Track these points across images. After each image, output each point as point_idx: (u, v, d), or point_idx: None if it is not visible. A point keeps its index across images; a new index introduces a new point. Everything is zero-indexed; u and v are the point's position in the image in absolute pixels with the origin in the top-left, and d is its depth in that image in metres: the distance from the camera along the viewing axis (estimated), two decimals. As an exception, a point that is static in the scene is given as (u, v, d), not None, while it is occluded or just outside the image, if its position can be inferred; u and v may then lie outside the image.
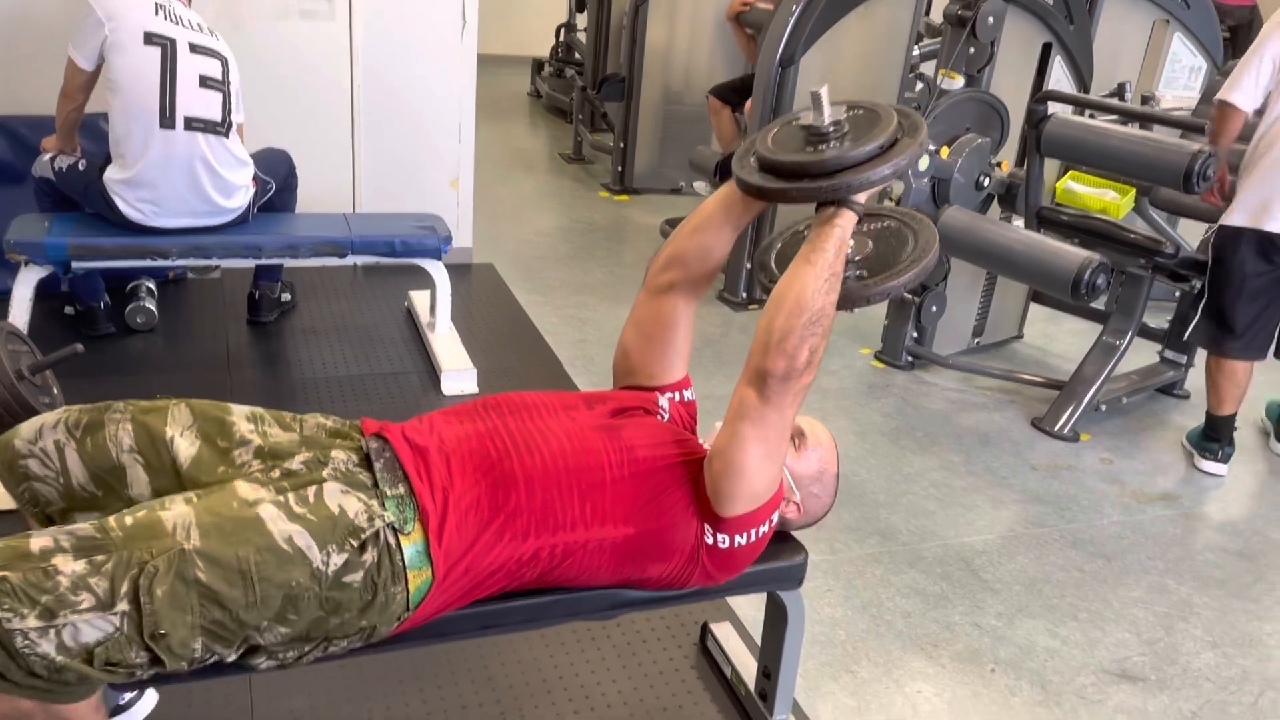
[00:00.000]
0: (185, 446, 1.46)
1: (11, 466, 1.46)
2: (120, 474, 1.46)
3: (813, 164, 1.47)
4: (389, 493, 1.40)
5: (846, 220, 1.49)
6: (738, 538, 1.55)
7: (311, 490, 1.37)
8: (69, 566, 1.22)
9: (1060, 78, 3.92)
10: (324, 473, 1.42)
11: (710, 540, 1.55)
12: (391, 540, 1.37)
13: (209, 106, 3.04)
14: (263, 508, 1.33)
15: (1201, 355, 3.79)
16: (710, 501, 1.52)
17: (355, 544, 1.34)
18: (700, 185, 5.68)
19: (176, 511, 1.30)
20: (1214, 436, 3.26)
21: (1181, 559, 2.76)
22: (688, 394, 1.80)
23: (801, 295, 1.42)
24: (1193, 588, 2.63)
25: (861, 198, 1.50)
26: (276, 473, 1.43)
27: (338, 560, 1.33)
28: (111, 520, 1.29)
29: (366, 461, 1.46)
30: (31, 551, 1.23)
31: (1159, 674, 2.29)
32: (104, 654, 1.22)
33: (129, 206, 3.04)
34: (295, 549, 1.31)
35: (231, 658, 1.32)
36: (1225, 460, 3.25)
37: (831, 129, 1.49)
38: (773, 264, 1.69)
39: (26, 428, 1.48)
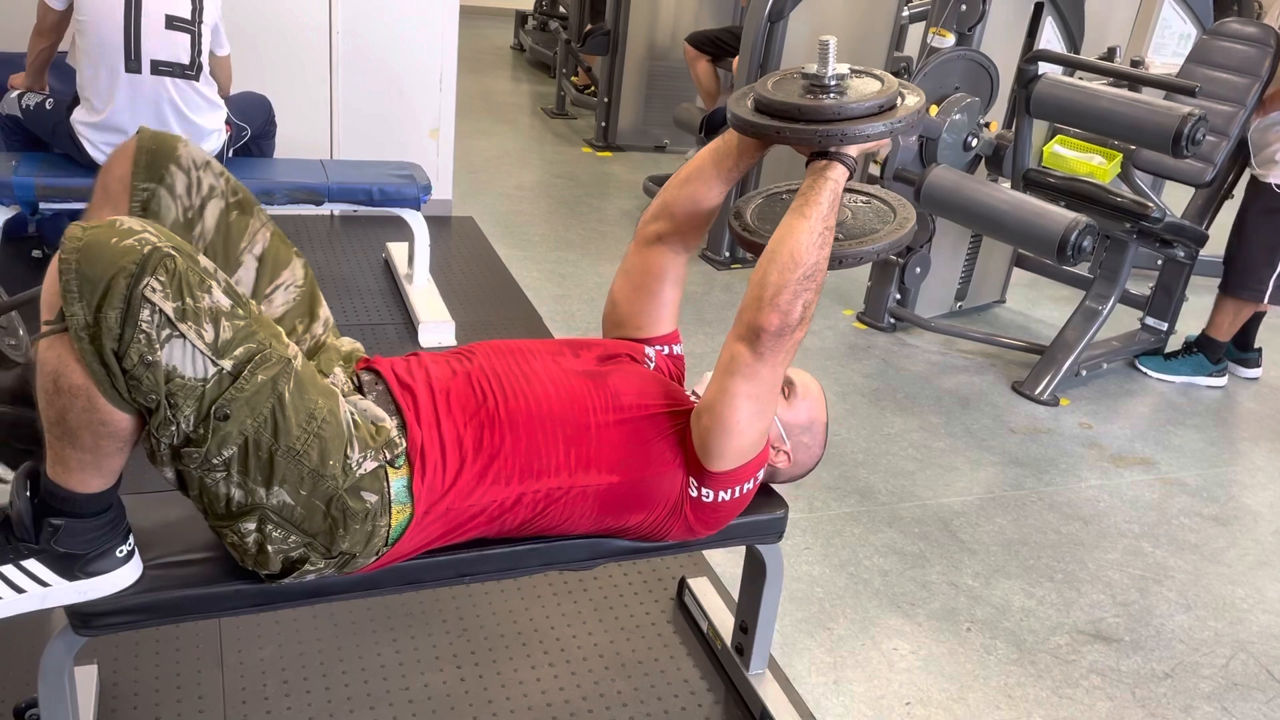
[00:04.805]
0: (277, 303, 1.49)
1: (157, 163, 1.41)
2: (232, 265, 1.46)
3: (809, 108, 1.46)
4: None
5: (839, 174, 1.46)
6: (722, 493, 1.53)
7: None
8: (218, 295, 1.20)
9: (1051, 38, 3.88)
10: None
11: (695, 494, 1.53)
12: (383, 473, 1.35)
13: (176, 49, 2.95)
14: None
15: (1182, 323, 3.81)
16: (697, 456, 1.50)
17: (387, 456, 1.35)
18: (692, 154, 5.61)
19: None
20: (1219, 355, 3.64)
21: (1157, 523, 2.77)
22: (676, 349, 1.78)
23: (796, 249, 1.40)
24: (1168, 551, 2.64)
25: (854, 151, 1.48)
26: None
27: (368, 466, 1.33)
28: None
29: (357, 392, 1.46)
30: (200, 258, 1.20)
31: (1133, 635, 2.30)
32: (172, 389, 1.17)
33: (97, 150, 2.96)
34: (347, 432, 1.31)
35: (236, 496, 1.27)
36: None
37: (833, 82, 1.48)
38: (748, 215, 1.68)
39: (195, 148, 1.45)
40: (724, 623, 2.05)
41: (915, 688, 2.06)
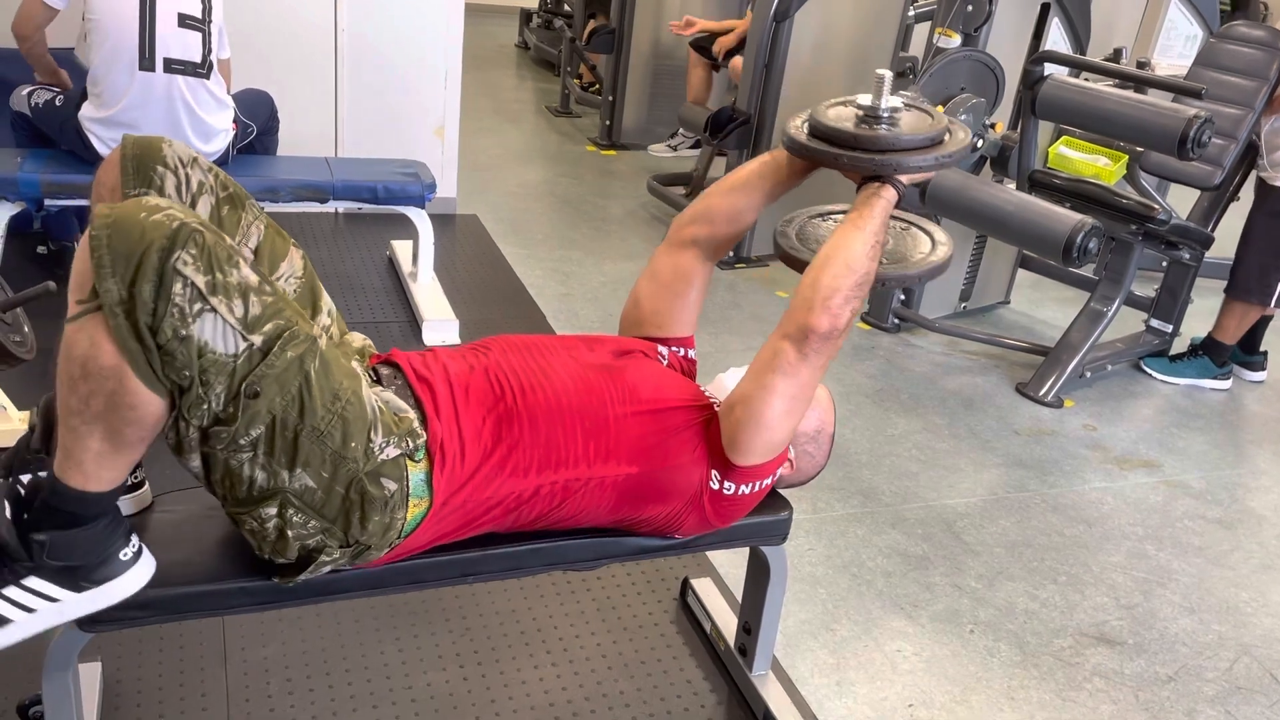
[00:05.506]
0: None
1: (144, 166, 1.40)
2: None
3: (866, 138, 1.54)
4: None
5: (891, 195, 1.53)
6: (743, 486, 1.55)
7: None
8: (246, 271, 1.20)
9: (1057, 39, 3.87)
10: None
11: (716, 485, 1.54)
12: (404, 462, 1.36)
13: (188, 47, 2.96)
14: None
15: (1187, 325, 3.81)
16: (724, 448, 1.52)
17: (411, 445, 1.35)
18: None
19: None
20: (1224, 358, 3.63)
21: (1161, 526, 2.77)
22: (690, 352, 1.81)
23: (851, 257, 1.44)
24: (1171, 554, 2.64)
25: (905, 179, 1.55)
26: None
27: (390, 452, 1.33)
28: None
29: (377, 385, 1.46)
30: (224, 236, 1.20)
31: (1136, 638, 2.30)
32: (204, 365, 1.17)
33: (105, 146, 2.96)
34: (371, 416, 1.31)
35: (260, 478, 1.26)
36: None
37: (886, 114, 1.57)
38: (793, 235, 1.74)
39: (180, 146, 1.44)
40: (727, 623, 2.05)
41: (918, 689, 2.06)
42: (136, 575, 1.33)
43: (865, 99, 1.57)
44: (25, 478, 1.34)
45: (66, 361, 1.17)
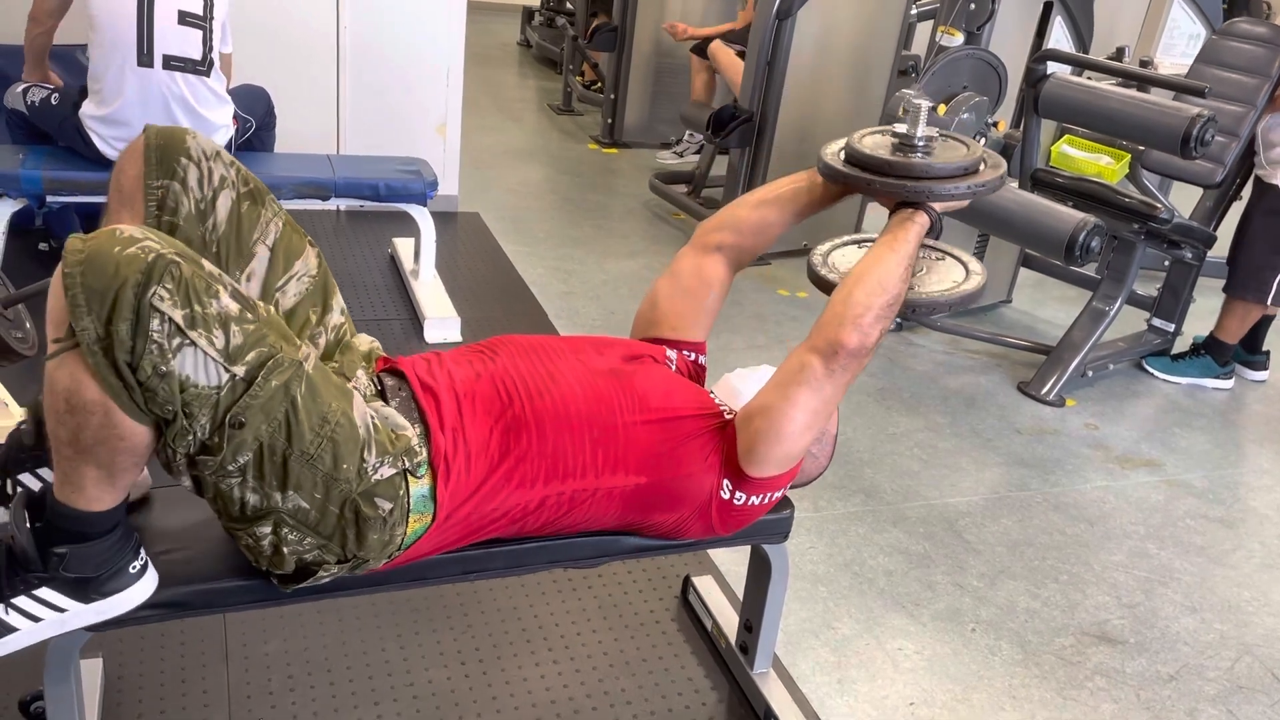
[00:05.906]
0: (290, 293, 1.47)
1: (168, 158, 1.39)
2: (245, 257, 1.44)
3: (900, 164, 1.57)
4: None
5: (923, 220, 1.55)
6: (754, 497, 1.54)
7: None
8: (226, 300, 1.17)
9: (1060, 38, 3.87)
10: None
11: (726, 495, 1.53)
12: (400, 480, 1.34)
13: (188, 44, 2.95)
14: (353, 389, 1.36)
15: (1189, 324, 3.80)
16: (739, 459, 1.50)
17: (406, 464, 1.33)
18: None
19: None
20: (1226, 357, 3.62)
21: (1163, 525, 2.76)
22: (702, 358, 1.79)
23: (885, 277, 1.45)
24: (1173, 553, 2.64)
25: (938, 207, 1.57)
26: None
27: (384, 472, 1.31)
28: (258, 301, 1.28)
29: (380, 396, 1.45)
30: (204, 263, 1.18)
31: (1138, 637, 2.30)
32: (187, 399, 1.16)
33: (105, 144, 2.96)
34: (363, 436, 1.30)
35: (252, 500, 1.26)
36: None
37: (922, 142, 1.59)
38: (828, 260, 1.75)
39: (203, 138, 1.43)
40: (728, 621, 2.05)
41: (919, 688, 2.06)
42: (142, 588, 1.33)
43: (901, 127, 1.60)
44: (25, 478, 1.34)
45: (51, 396, 1.16)
